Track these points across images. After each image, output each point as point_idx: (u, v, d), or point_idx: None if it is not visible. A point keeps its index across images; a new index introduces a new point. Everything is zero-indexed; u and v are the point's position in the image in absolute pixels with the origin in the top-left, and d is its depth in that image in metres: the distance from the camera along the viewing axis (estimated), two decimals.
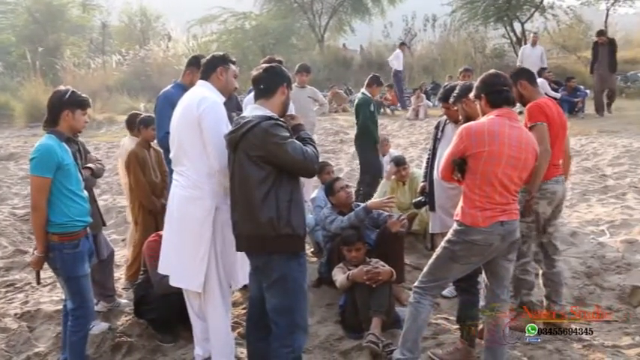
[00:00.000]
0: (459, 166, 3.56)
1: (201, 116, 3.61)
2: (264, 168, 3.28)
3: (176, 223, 3.82)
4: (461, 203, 3.60)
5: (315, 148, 3.39)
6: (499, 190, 3.49)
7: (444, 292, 5.00)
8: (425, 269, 3.77)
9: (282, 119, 3.42)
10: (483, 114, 3.70)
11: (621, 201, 7.69)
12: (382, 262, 4.84)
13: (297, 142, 3.33)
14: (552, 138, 4.26)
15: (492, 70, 3.84)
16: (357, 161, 8.59)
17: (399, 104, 18.25)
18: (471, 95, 3.84)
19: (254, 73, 3.55)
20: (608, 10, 23.04)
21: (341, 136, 13.81)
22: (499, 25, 23.36)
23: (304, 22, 29.29)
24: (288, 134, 3.31)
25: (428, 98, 17.32)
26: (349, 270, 4.78)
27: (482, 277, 3.90)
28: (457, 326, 4.31)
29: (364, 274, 4.54)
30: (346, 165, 10.71)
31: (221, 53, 4.06)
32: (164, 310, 4.48)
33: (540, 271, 4.63)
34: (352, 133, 13.98)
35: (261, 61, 4.98)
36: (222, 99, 3.81)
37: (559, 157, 4.42)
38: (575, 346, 4.25)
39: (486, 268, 3.72)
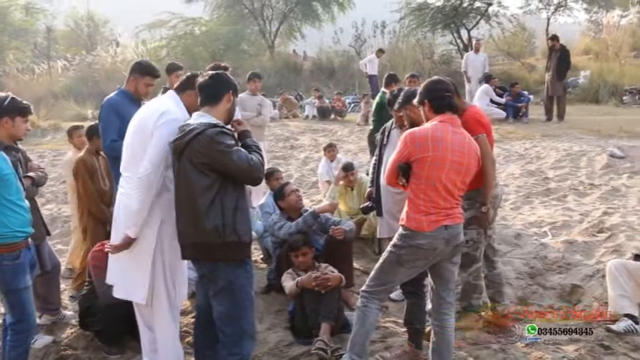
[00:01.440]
0: (404, 171, 3.61)
1: (156, 129, 3.54)
2: (209, 175, 3.27)
3: (120, 235, 3.77)
4: (406, 208, 3.65)
5: (261, 156, 3.41)
6: (443, 194, 3.56)
7: (392, 296, 5.07)
8: (371, 273, 3.81)
9: (227, 127, 3.42)
10: (427, 120, 3.76)
11: (562, 203, 7.96)
12: (331, 267, 4.89)
13: (243, 149, 3.33)
14: (490, 144, 4.40)
15: (435, 77, 3.92)
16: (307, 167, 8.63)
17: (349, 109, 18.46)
18: (415, 101, 3.91)
19: (199, 80, 3.53)
20: (549, 18, 23.85)
21: (291, 142, 13.84)
22: (446, 32, 23.88)
23: (255, 28, 29.31)
24: (233, 142, 3.32)
25: None
26: (298, 276, 4.80)
27: (429, 280, 3.97)
28: (405, 329, 4.37)
29: (313, 281, 4.57)
30: (296, 171, 10.73)
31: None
32: (110, 322, 4.40)
33: (483, 274, 4.74)
34: (302, 139, 14.22)
35: (207, 68, 4.96)
36: (186, 117, 3.65)
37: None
38: (519, 344, 4.35)
39: (432, 271, 3.79)
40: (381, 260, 3.75)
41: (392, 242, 3.70)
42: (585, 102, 18.13)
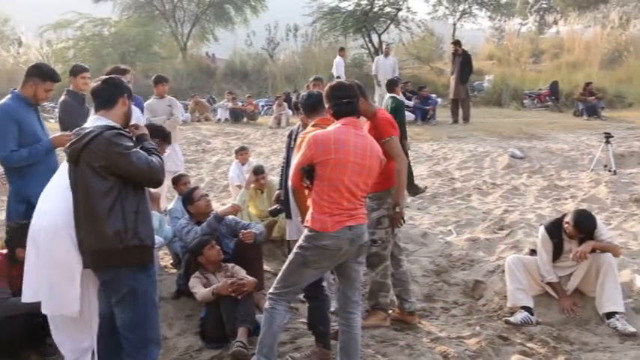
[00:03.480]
0: (307, 173, 3.63)
1: None
2: (108, 179, 3.19)
3: (44, 252, 3.58)
4: (310, 209, 3.68)
5: (160, 158, 3.35)
6: (346, 196, 3.61)
7: (302, 297, 5.10)
8: (278, 275, 3.82)
9: (125, 129, 3.35)
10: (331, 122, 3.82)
11: (467, 202, 8.28)
12: (238, 267, 4.88)
13: (142, 152, 3.27)
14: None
15: (336, 81, 3.95)
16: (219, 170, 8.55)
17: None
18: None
19: (92, 84, 3.45)
20: (455, 24, 24.79)
21: (203, 145, 13.66)
22: (358, 36, 24.31)
23: (166, 30, 28.75)
24: (131, 144, 3.25)
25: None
26: (206, 278, 4.76)
27: (334, 280, 4.02)
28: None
29: (229, 287, 4.55)
30: (208, 174, 10.60)
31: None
32: (9, 333, 4.19)
33: (389, 272, 4.86)
34: (214, 142, 14.07)
35: (106, 70, 4.82)
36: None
37: None
38: (424, 340, 4.49)
39: (337, 271, 3.83)
40: (287, 262, 3.76)
41: (297, 244, 3.72)
42: (489, 105, 18.98)
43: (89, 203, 3.22)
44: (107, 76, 3.51)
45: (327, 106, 3.83)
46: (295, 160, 3.74)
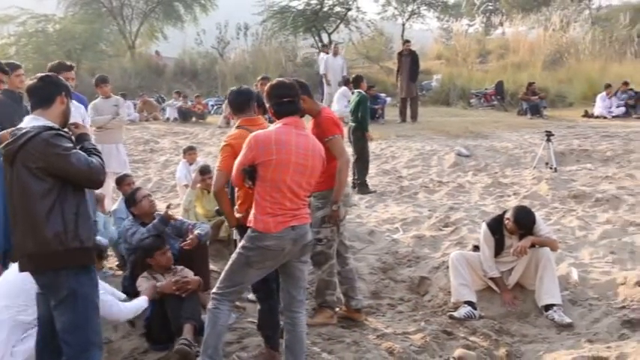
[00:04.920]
0: (249, 174, 3.62)
1: None
2: (46, 180, 3.11)
3: None
4: (253, 210, 3.68)
5: (101, 159, 3.30)
6: (289, 196, 3.62)
7: (250, 296, 5.10)
8: (222, 275, 3.81)
9: (64, 129, 3.28)
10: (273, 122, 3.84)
11: (413, 200, 8.42)
12: (187, 270, 4.85)
13: (82, 152, 3.21)
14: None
15: (276, 81, 3.92)
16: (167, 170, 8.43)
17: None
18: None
19: (28, 82, 3.37)
20: (404, 24, 25.12)
21: (151, 145, 13.48)
22: (308, 36, 24.36)
23: (114, 28, 28.17)
24: (71, 144, 3.18)
25: None
26: (154, 278, 4.71)
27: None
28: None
29: (173, 285, 4.51)
30: (155, 174, 10.47)
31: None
32: None
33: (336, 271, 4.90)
34: (163, 142, 13.92)
35: (48, 67, 4.71)
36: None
37: None
38: (371, 336, 4.56)
39: (282, 270, 3.85)
40: (230, 262, 3.75)
41: (240, 244, 3.72)
42: (437, 104, 19.28)
43: (26, 205, 3.14)
44: (44, 74, 3.42)
45: (267, 105, 3.82)
46: (237, 159, 3.70)
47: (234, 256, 3.74)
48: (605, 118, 15.76)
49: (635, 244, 6.10)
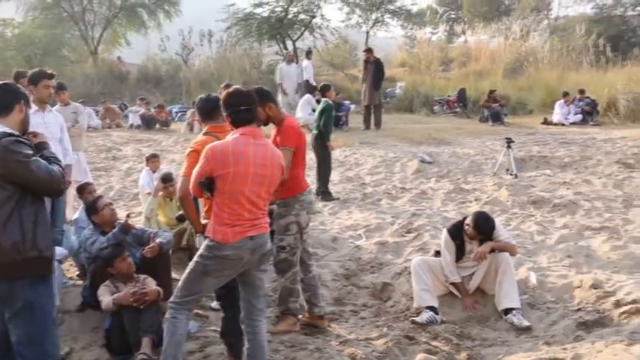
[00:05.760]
0: (207, 186, 3.58)
1: None
2: (5, 188, 3.08)
3: None
4: (211, 220, 3.66)
5: (61, 167, 3.27)
6: (247, 207, 3.60)
7: (213, 305, 5.10)
8: (179, 284, 3.79)
9: (23, 137, 3.24)
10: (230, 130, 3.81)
11: (376, 206, 8.49)
12: (150, 279, 4.81)
13: (42, 160, 3.17)
14: (302, 154, 4.66)
15: (234, 89, 3.87)
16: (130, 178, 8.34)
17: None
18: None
19: None
20: (368, 32, 25.35)
21: (114, 152, 13.31)
22: (273, 43, 24.35)
23: (75, 33, 27.76)
24: (31, 152, 3.14)
25: None
26: (115, 287, 4.66)
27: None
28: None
29: (131, 296, 4.46)
30: (118, 182, 10.34)
31: None
32: None
33: (299, 278, 4.92)
34: (125, 149, 13.76)
35: (29, 74, 4.66)
36: None
37: (305, 170, 4.82)
38: (333, 343, 4.58)
39: (241, 279, 3.83)
40: (187, 270, 3.73)
41: (198, 252, 3.70)
42: (401, 111, 19.46)
43: None
44: (2, 82, 3.38)
45: (224, 113, 3.79)
46: (195, 170, 3.66)
47: (191, 264, 3.71)
48: (563, 125, 16.17)
49: (590, 247, 6.28)
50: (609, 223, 7.19)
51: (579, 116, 16.46)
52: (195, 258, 3.71)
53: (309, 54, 18.99)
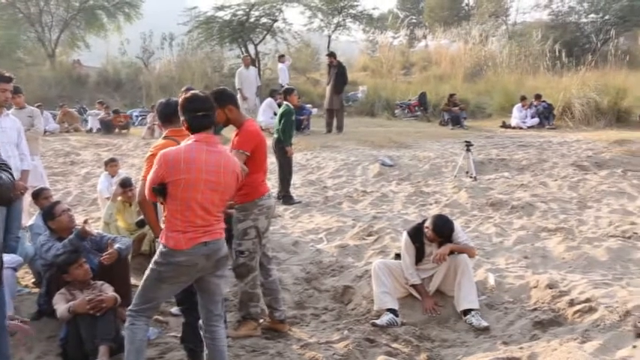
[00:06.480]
0: (159, 192, 3.54)
1: None
2: None
3: None
4: (164, 226, 3.63)
5: (11, 175, 3.19)
6: (200, 213, 3.56)
7: (173, 310, 5.05)
8: (137, 291, 3.75)
9: None
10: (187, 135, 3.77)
11: (338, 210, 8.53)
12: (107, 285, 4.73)
13: None
14: (262, 159, 4.64)
15: (190, 93, 3.82)
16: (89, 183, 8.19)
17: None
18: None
19: None
20: (329, 36, 25.45)
21: (72, 157, 13.07)
22: (234, 46, 24.26)
23: (32, 35, 27.16)
24: None
25: None
26: (71, 294, 4.57)
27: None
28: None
29: (87, 304, 4.38)
30: (76, 187, 10.15)
31: None
32: None
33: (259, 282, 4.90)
34: (84, 153, 13.52)
35: None
36: None
37: (266, 174, 4.80)
38: (295, 347, 4.58)
39: (197, 286, 3.80)
40: (144, 278, 3.69)
41: (153, 259, 3.66)
42: (362, 115, 19.61)
43: None
44: None
45: (181, 119, 3.74)
46: (149, 176, 3.63)
47: (147, 272, 3.67)
48: (520, 128, 16.51)
49: (546, 248, 6.41)
50: (564, 224, 7.36)
51: (536, 120, 16.83)
52: (150, 265, 3.66)
53: (282, 57, 19.05)
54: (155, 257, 3.64)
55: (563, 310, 4.80)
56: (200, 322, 3.89)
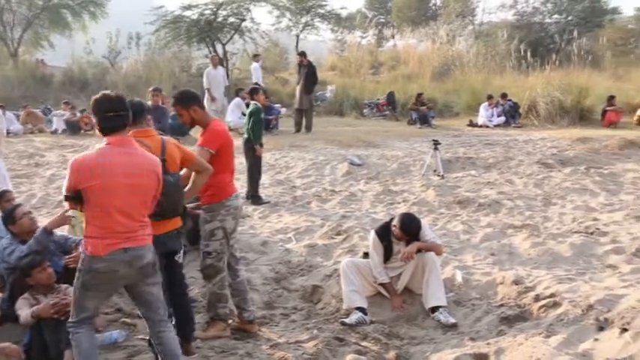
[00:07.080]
0: (75, 199, 3.48)
1: None
2: None
3: None
4: (84, 232, 3.56)
5: None
6: (119, 219, 3.46)
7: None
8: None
9: None
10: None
11: (306, 209, 8.53)
12: (72, 288, 4.65)
13: None
14: (229, 159, 4.61)
15: (102, 93, 3.68)
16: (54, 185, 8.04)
17: None
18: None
19: None
20: (298, 36, 25.47)
21: (36, 159, 12.81)
22: (202, 46, 24.10)
23: None
24: None
25: None
26: (35, 299, 4.48)
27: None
28: None
29: (51, 308, 4.30)
30: (40, 190, 9.95)
31: None
32: None
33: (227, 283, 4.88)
34: (49, 155, 13.27)
35: None
36: None
37: (233, 174, 4.79)
38: (264, 347, 4.58)
39: (132, 296, 3.74)
40: (73, 287, 3.64)
41: (77, 267, 3.58)
42: (331, 114, 19.64)
43: None
44: None
45: (94, 120, 3.63)
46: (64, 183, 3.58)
47: (74, 280, 3.60)
48: (487, 127, 16.73)
49: (512, 245, 6.52)
50: (530, 220, 7.49)
51: (502, 118, 17.06)
52: (77, 273, 3.58)
53: (256, 56, 18.97)
54: (79, 264, 3.57)
55: (529, 305, 4.88)
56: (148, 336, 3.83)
